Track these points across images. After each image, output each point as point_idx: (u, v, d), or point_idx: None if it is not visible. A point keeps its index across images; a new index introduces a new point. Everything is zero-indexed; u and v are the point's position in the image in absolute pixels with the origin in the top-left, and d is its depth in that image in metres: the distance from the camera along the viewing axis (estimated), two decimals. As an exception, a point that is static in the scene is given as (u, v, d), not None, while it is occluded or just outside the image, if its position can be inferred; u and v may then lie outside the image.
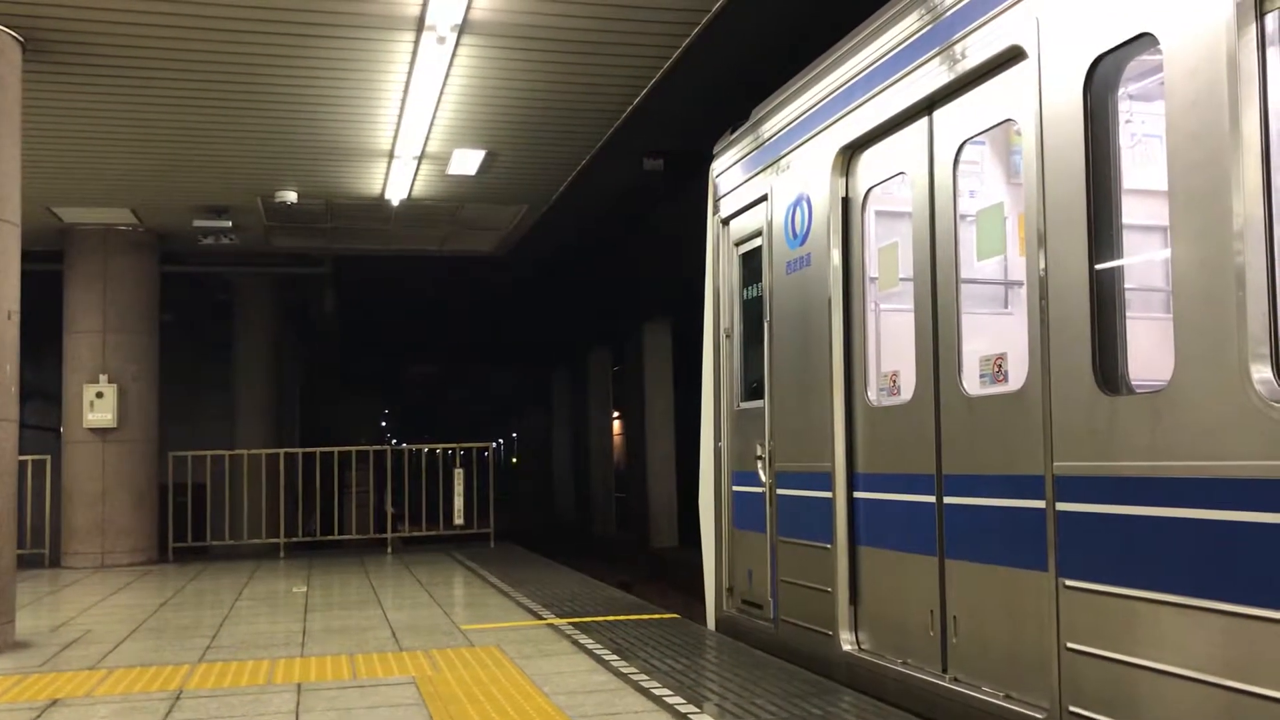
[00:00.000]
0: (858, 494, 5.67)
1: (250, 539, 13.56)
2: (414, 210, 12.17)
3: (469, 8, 6.85)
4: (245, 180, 10.89)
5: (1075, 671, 4.02)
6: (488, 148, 9.89)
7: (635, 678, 5.53)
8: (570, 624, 7.30)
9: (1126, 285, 4.08)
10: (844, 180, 5.80)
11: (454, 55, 7.62)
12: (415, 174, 10.60)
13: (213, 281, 17.38)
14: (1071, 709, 4.02)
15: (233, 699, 5.31)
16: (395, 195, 11.31)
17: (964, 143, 4.89)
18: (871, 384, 5.69)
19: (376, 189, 11.22)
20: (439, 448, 14.95)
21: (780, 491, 6.48)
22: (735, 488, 7.25)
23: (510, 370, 36.76)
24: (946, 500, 4.90)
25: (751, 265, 7.13)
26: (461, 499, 14.11)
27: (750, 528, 6.99)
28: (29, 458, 11.71)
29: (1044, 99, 4.19)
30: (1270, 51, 3.36)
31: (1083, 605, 3.98)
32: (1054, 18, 4.16)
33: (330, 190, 11.33)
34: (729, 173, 7.35)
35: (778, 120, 6.59)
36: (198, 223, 12.05)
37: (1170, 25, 3.57)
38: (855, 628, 5.65)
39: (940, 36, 4.86)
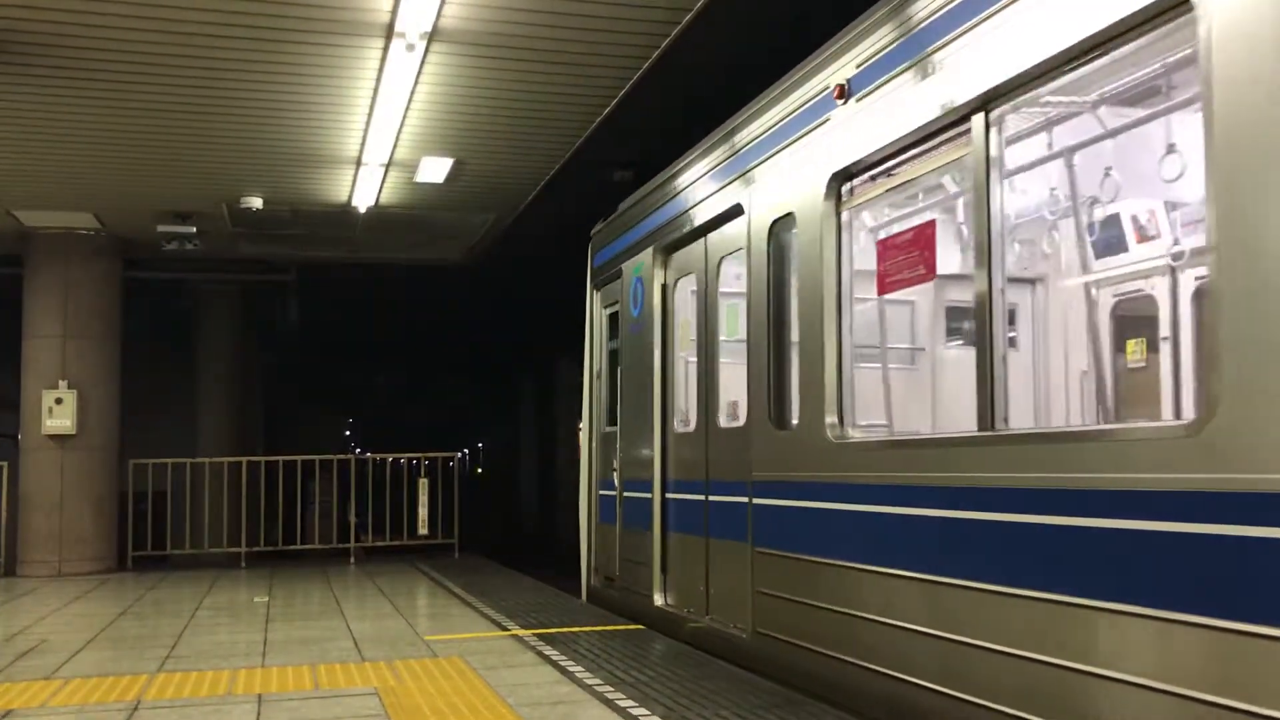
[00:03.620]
0: (668, 495, 7.89)
1: (211, 548, 13.40)
2: (381, 218, 12.11)
3: (439, 16, 6.83)
4: (210, 185, 10.80)
5: (761, 606, 6.15)
6: (456, 156, 9.87)
7: (600, 689, 5.51)
8: (534, 635, 7.27)
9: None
10: (663, 271, 8.13)
11: (423, 63, 7.60)
12: (383, 181, 10.56)
13: (176, 288, 17.22)
14: (759, 630, 6.18)
15: (192, 710, 5.25)
16: (362, 203, 11.26)
17: (722, 257, 7.11)
18: (676, 417, 7.99)
19: (343, 196, 11.16)
20: (404, 457, 14.86)
21: (625, 494, 8.76)
22: (600, 492, 9.54)
23: (476, 381, 36.65)
24: (711, 498, 7.06)
25: (613, 324, 9.41)
26: (426, 509, 14.04)
27: (607, 522, 9.23)
28: (-15, 464, 11.56)
29: (752, 239, 6.49)
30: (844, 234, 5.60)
31: (766, 563, 6.13)
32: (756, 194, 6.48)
33: (296, 197, 11.25)
34: (601, 251, 9.74)
35: (627, 220, 9.01)
36: (161, 228, 11.93)
37: (802, 207, 5.82)
38: (665, 590, 7.87)
39: (707, 188, 7.20)
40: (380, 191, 10.92)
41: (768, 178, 6.30)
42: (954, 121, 4.63)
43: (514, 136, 9.38)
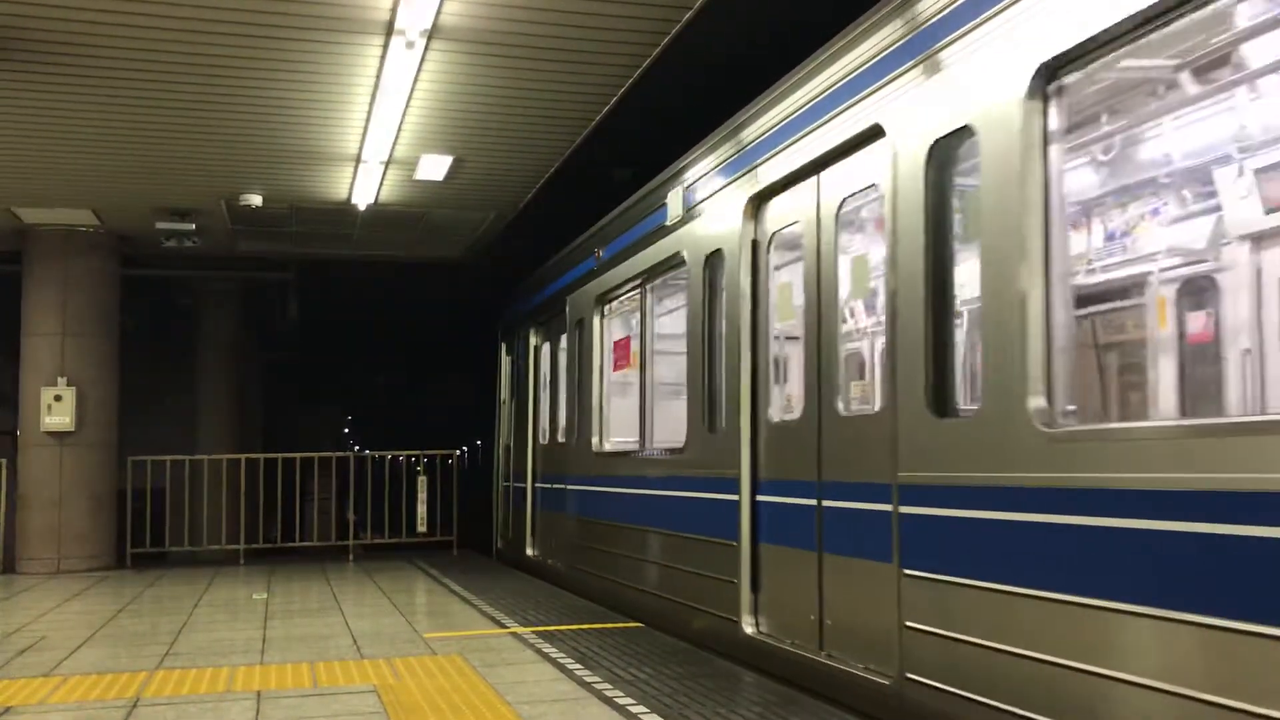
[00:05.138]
0: (538, 484, 10.91)
1: (210, 545, 13.39)
2: (380, 216, 12.10)
3: (439, 13, 6.82)
4: (209, 183, 10.79)
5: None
6: (455, 154, 9.85)
7: (599, 687, 5.51)
8: (534, 632, 7.27)
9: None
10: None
11: (423, 60, 7.59)
12: (382, 179, 10.55)
13: (175, 285, 17.21)
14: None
15: (190, 707, 5.25)
16: (362, 200, 11.25)
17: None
18: (544, 432, 10.84)
19: (343, 194, 11.15)
20: (402, 454, 14.85)
21: (508, 485, 12.85)
22: (510, 484, 13.12)
23: (475, 379, 36.58)
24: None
25: (507, 370, 13.98)
26: (425, 506, 14.03)
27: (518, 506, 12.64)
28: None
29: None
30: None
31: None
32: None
33: (296, 194, 11.24)
34: (504, 328, 14.24)
35: (513, 312, 12.91)
36: (160, 225, 11.90)
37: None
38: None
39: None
40: (380, 189, 10.90)
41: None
42: None
43: (514, 134, 9.36)
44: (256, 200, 11.23)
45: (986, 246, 4.31)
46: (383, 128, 8.98)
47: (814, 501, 5.67)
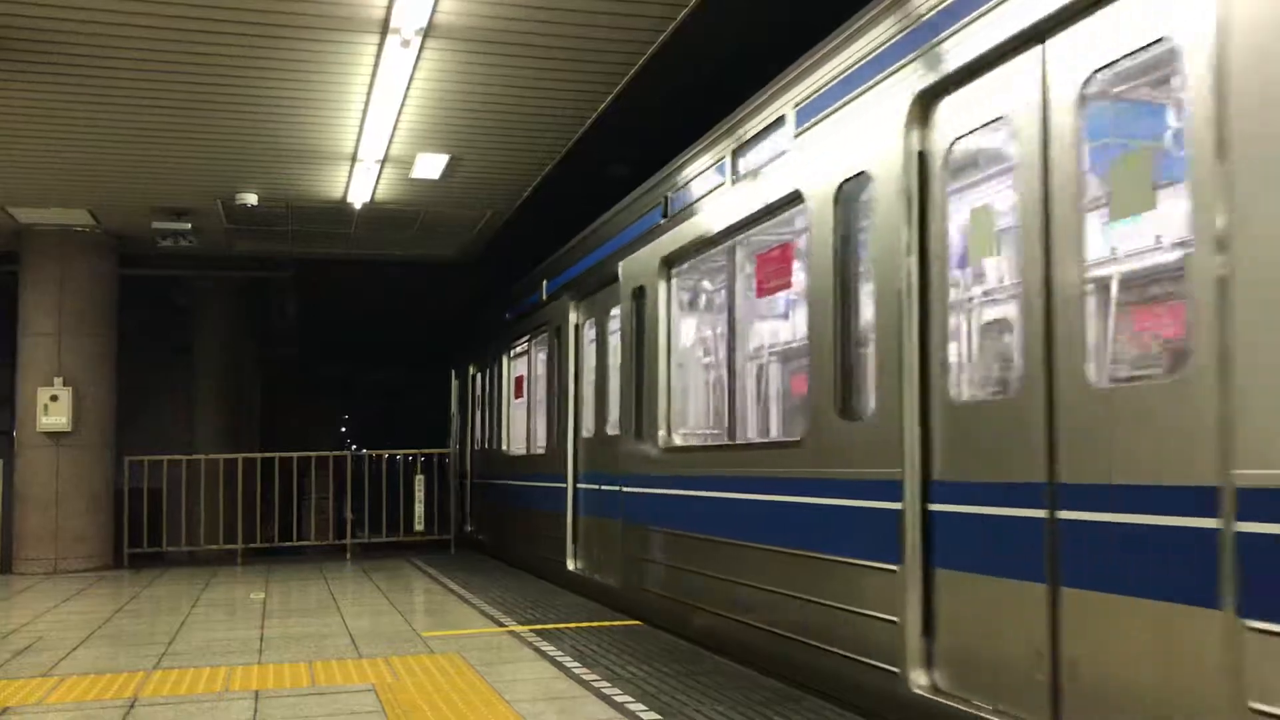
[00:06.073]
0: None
1: (208, 545, 13.39)
2: (377, 215, 12.09)
3: (434, 11, 6.82)
4: (205, 182, 10.78)
5: None
6: (451, 152, 9.85)
7: (597, 684, 5.51)
8: (531, 631, 7.27)
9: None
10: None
11: (418, 59, 7.58)
12: (378, 178, 10.54)
13: (172, 284, 17.19)
14: None
15: (189, 706, 5.24)
16: (358, 199, 11.24)
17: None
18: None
19: (339, 192, 11.14)
20: (399, 454, 14.85)
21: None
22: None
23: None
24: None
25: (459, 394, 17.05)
26: (422, 505, 14.04)
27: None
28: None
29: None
30: None
31: None
32: None
33: (292, 193, 11.23)
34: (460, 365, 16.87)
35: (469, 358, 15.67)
36: (157, 225, 11.89)
37: None
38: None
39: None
40: (375, 188, 10.89)
41: None
42: None
43: (510, 133, 9.36)
44: (252, 199, 11.22)
45: None
46: (378, 126, 8.97)
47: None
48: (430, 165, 10.15)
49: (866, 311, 5.24)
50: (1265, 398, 3.08)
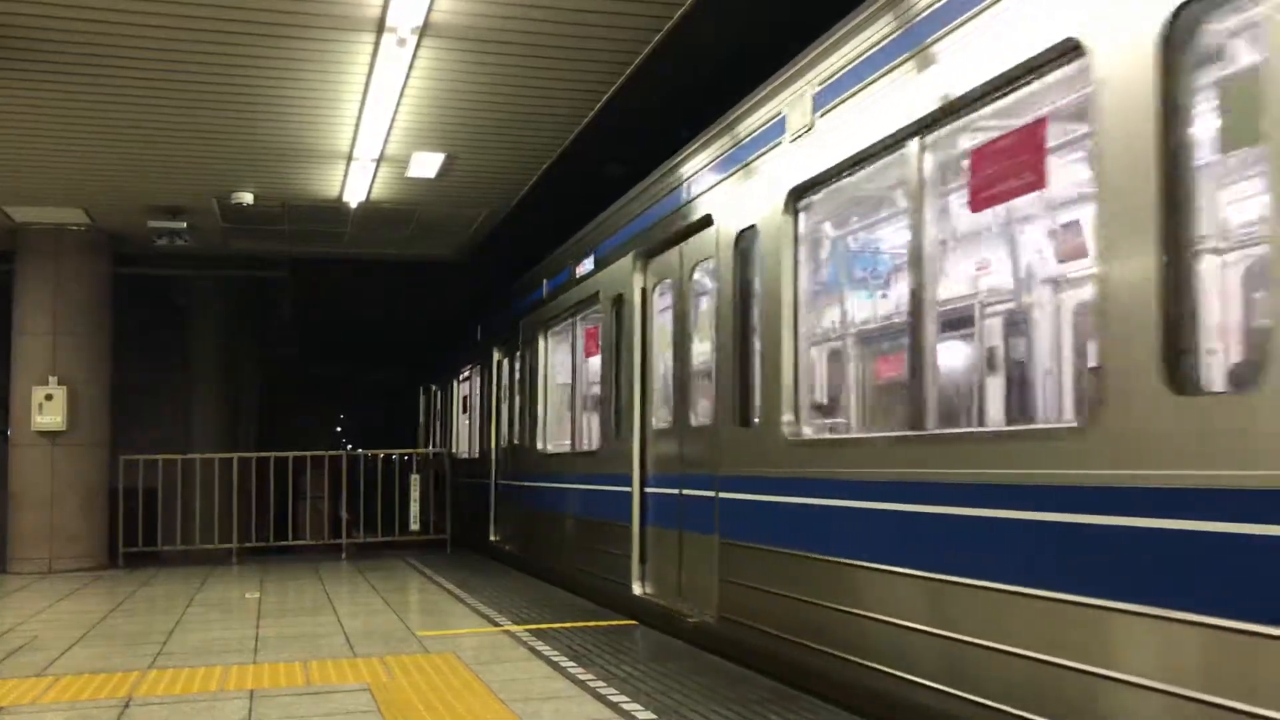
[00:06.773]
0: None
1: (203, 544, 13.38)
2: (373, 214, 12.08)
3: (430, 10, 6.81)
4: (201, 181, 10.76)
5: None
6: (448, 151, 9.84)
7: (592, 684, 5.51)
8: (527, 630, 7.27)
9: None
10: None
11: (414, 58, 7.58)
12: (374, 176, 10.53)
13: (167, 283, 17.17)
14: None
15: (184, 706, 5.23)
16: (353, 198, 11.22)
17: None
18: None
19: (334, 191, 11.13)
20: (395, 453, 14.84)
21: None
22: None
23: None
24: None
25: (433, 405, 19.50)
26: (418, 505, 14.03)
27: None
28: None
29: None
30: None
31: None
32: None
33: (287, 192, 11.22)
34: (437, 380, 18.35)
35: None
36: (152, 223, 11.88)
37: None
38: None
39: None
40: (371, 187, 10.88)
41: None
42: None
43: (506, 132, 9.35)
44: (248, 198, 11.21)
45: None
46: (374, 125, 8.96)
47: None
48: (426, 164, 10.14)
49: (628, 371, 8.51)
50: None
